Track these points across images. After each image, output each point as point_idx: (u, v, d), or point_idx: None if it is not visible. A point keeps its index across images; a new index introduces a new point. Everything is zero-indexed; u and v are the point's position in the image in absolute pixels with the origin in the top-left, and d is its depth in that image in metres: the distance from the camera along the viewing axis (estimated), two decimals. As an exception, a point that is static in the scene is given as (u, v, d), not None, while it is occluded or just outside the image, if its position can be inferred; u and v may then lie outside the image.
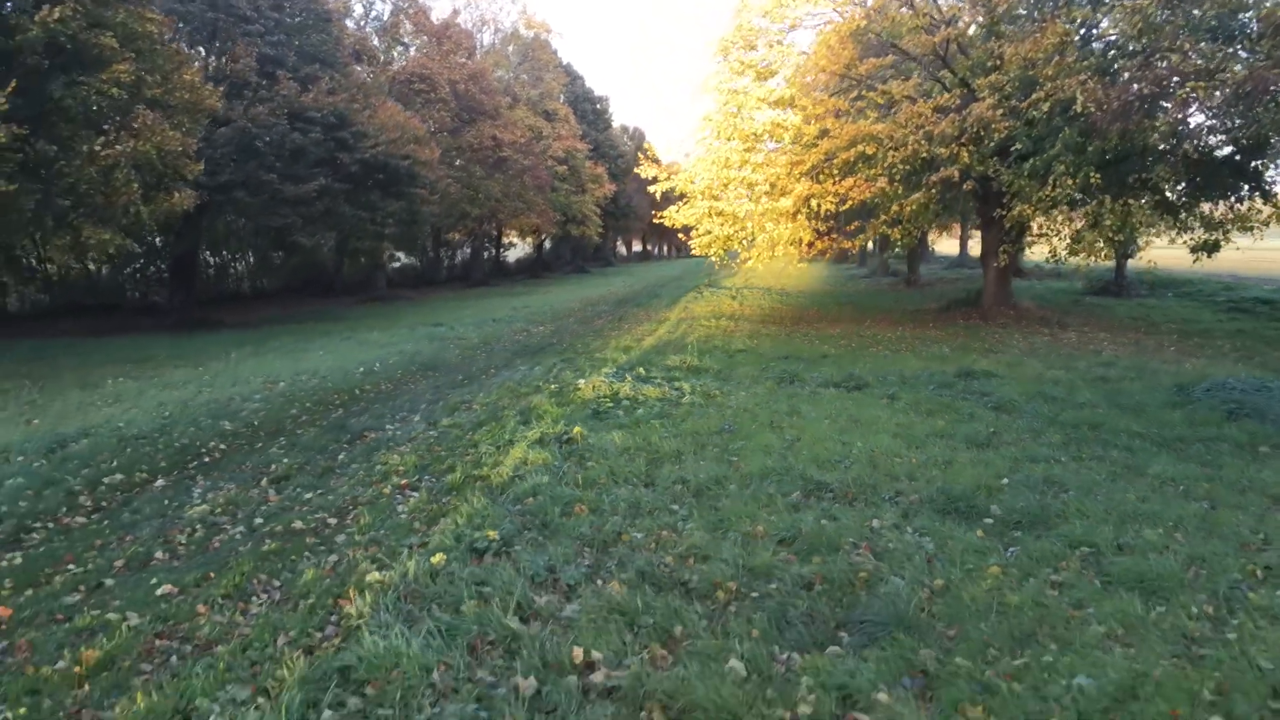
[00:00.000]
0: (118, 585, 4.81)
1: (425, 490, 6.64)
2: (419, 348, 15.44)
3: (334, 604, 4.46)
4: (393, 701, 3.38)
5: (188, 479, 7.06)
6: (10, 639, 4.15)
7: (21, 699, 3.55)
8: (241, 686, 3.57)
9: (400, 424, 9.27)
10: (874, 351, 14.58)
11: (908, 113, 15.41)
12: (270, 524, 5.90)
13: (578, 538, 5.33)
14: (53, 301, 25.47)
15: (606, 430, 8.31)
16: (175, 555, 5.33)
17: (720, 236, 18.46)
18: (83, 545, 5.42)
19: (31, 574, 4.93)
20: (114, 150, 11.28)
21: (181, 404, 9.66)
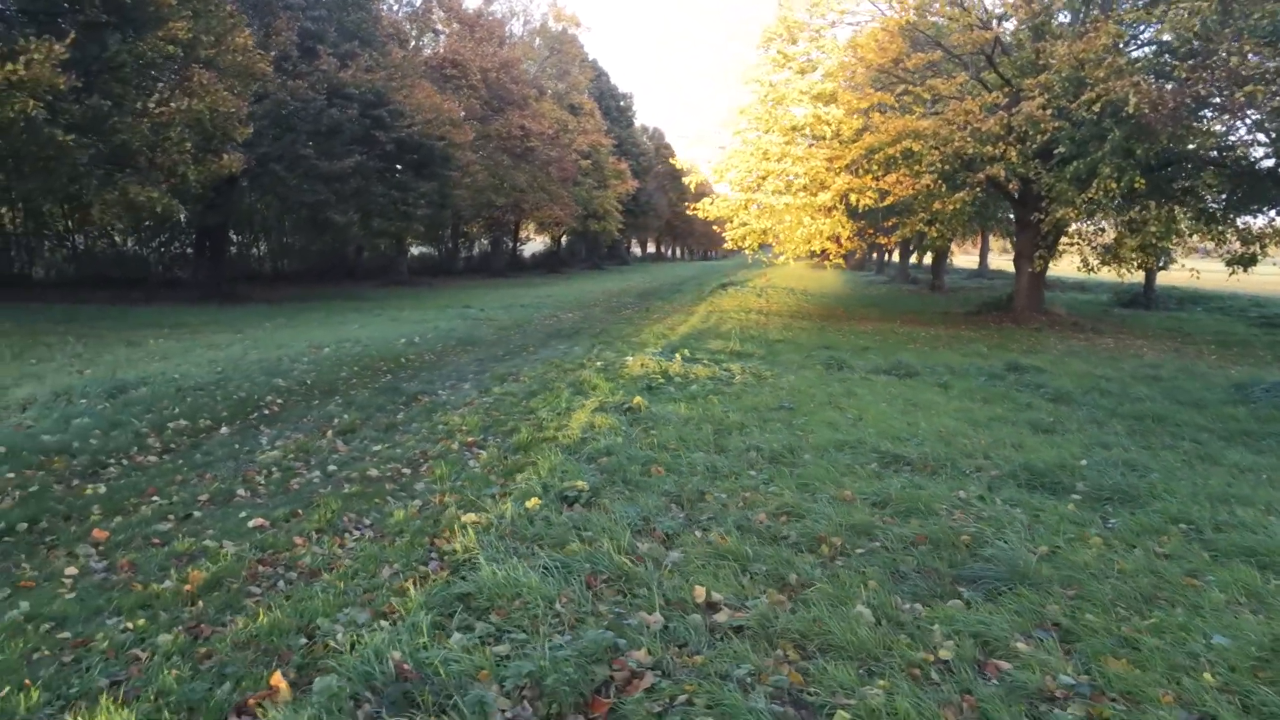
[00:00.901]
0: (206, 517, 4.75)
1: (494, 448, 6.56)
2: (454, 325, 15.37)
3: (430, 542, 4.39)
4: (523, 626, 3.30)
5: (251, 428, 7.00)
6: (111, 559, 4.08)
7: (136, 611, 3.48)
8: (359, 609, 3.49)
9: (451, 390, 9.20)
10: (912, 347, 14.46)
11: (955, 110, 15.30)
12: (344, 470, 5.84)
13: (663, 494, 5.25)
14: (78, 271, 25.44)
15: (666, 402, 8.23)
16: (256, 494, 5.27)
17: (756, 229, 18.35)
18: (162, 480, 5.35)
19: (117, 503, 4.87)
20: (168, 109, 11.25)
21: (232, 362, 9.61)
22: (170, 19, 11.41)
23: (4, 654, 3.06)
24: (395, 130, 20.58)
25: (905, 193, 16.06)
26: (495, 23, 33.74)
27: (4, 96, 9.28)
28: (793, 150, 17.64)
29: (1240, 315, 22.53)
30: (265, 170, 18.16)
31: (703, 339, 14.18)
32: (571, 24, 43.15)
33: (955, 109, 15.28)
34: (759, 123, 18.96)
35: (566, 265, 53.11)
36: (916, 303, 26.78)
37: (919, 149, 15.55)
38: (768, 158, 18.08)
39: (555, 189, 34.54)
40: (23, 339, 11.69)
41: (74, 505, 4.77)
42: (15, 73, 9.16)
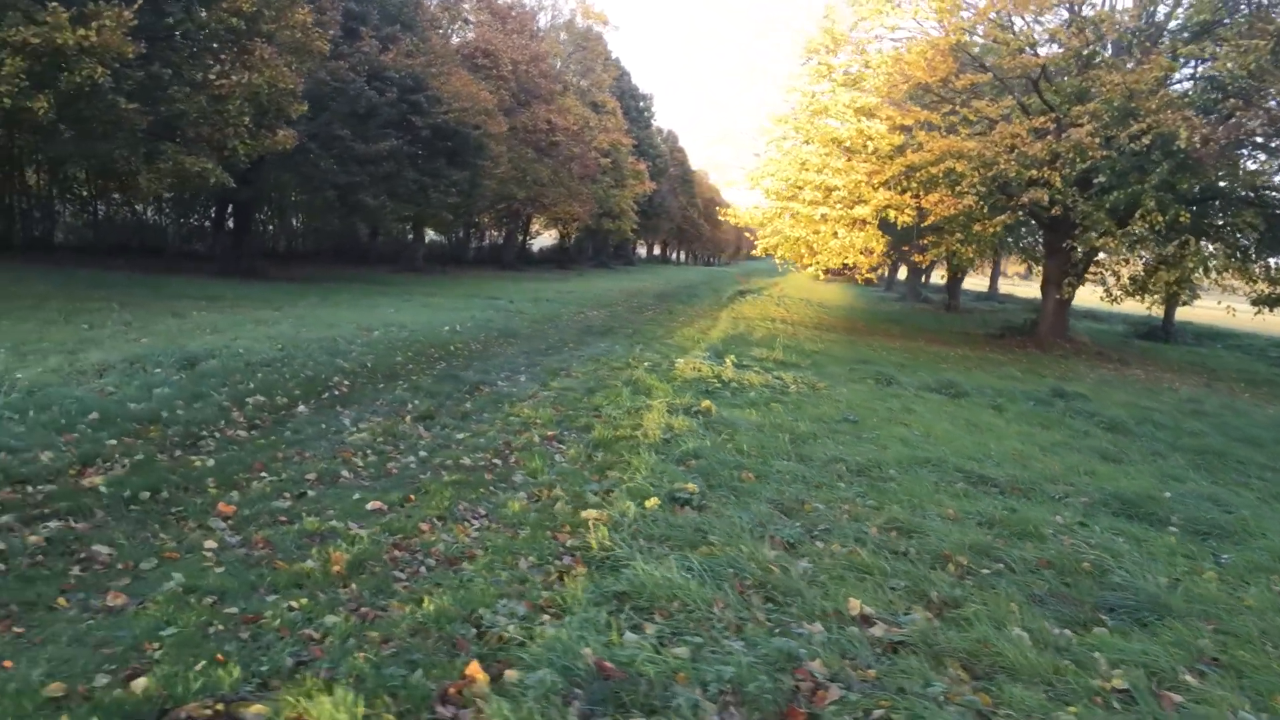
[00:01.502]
0: (320, 496, 4.70)
1: (577, 444, 6.53)
2: (489, 316, 15.31)
3: (553, 536, 4.35)
4: (689, 628, 3.27)
5: (328, 408, 6.95)
6: (243, 534, 4.04)
7: (292, 590, 3.44)
8: (516, 601, 3.46)
9: (509, 381, 9.16)
10: (944, 367, 14.49)
11: (1001, 132, 15.34)
12: (436, 457, 5.80)
13: (767, 501, 5.23)
14: (98, 238, 25.25)
15: (731, 408, 8.22)
16: (358, 475, 5.22)
17: (791, 238, 18.36)
18: (264, 456, 5.30)
19: (228, 477, 4.82)
20: (229, 81, 11.16)
21: (290, 339, 9.53)
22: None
23: (180, 626, 3.02)
24: (431, 116, 20.52)
25: (946, 212, 16.10)
26: (526, 15, 33.69)
27: (74, 61, 9.18)
28: (832, 162, 17.65)
29: (1260, 355, 22.67)
30: (300, 148, 18.03)
31: (740, 345, 14.17)
32: (599, 21, 43.14)
33: (1002, 131, 15.31)
34: (799, 132, 18.99)
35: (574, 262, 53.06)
36: (933, 321, 26.85)
37: (962, 169, 15.57)
38: (806, 168, 18.10)
39: (575, 185, 34.50)
40: (65, 302, 11.57)
41: (187, 477, 4.71)
42: (87, 38, 9.06)
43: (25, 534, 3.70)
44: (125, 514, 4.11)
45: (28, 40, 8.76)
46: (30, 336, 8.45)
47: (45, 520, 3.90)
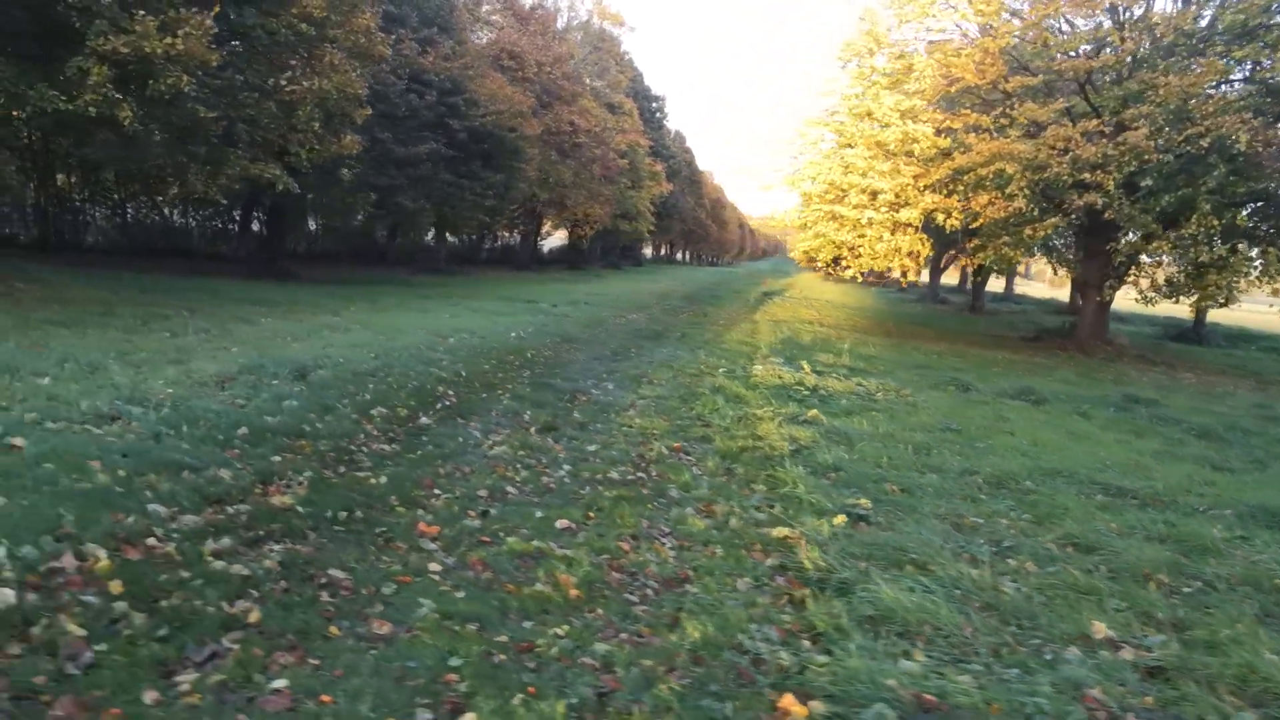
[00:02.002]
0: (503, 514, 4.66)
1: (705, 456, 6.50)
2: (541, 321, 15.27)
3: (748, 554, 4.32)
4: (959, 655, 3.24)
5: (449, 419, 6.90)
6: (455, 555, 3.99)
7: (542, 615, 3.40)
8: (767, 626, 3.43)
9: (600, 389, 9.12)
10: (996, 371, 14.49)
11: (1053, 135, 15.33)
12: (583, 471, 5.76)
13: (932, 515, 5.20)
14: (129, 241, 25.15)
15: (833, 416, 8.19)
16: (521, 490, 5.19)
17: (832, 241, 18.34)
18: (424, 473, 5.25)
19: (406, 495, 4.77)
20: (300, 87, 11.09)
21: (380, 348, 9.47)
22: (304, -5, 11.27)
23: (464, 656, 2.98)
24: (469, 119, 20.46)
25: (997, 215, 16.08)
26: (548, 16, 33.62)
27: (160, 70, 9.12)
28: (877, 165, 17.64)
29: (1295, 357, 22.71)
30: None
31: (797, 350, 14.16)
32: (615, 23, 43.10)
33: (1054, 134, 15.30)
34: (840, 135, 18.98)
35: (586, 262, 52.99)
36: (962, 324, 26.83)
37: (1011, 171, 15.55)
38: (850, 171, 18.08)
39: (596, 186, 34.45)
40: (131, 308, 11.49)
41: (369, 495, 4.66)
42: (174, 46, 9.00)
43: (257, 558, 3.65)
44: (334, 535, 4.07)
45: (118, 49, 8.70)
46: (124, 346, 8.36)
47: (264, 543, 3.85)
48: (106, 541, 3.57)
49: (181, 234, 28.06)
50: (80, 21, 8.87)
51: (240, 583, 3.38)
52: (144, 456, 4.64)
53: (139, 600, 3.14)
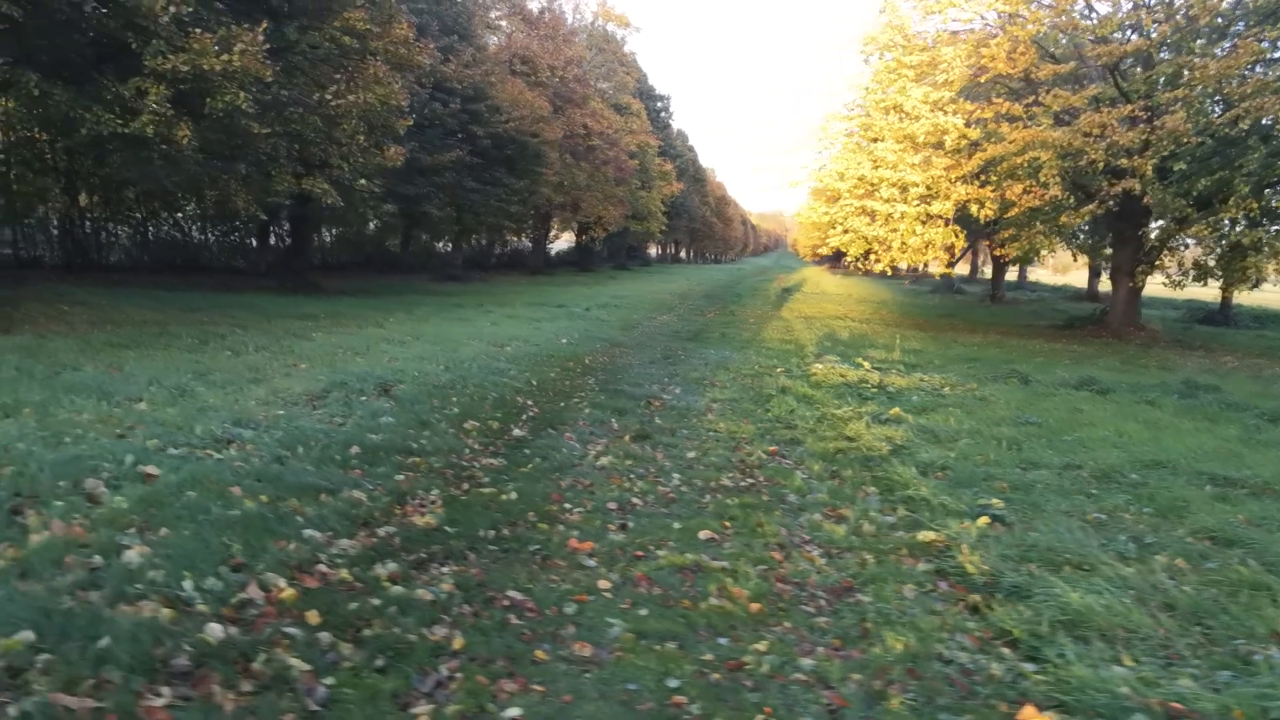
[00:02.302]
0: (641, 526, 4.62)
1: (802, 458, 6.46)
2: (584, 326, 15.23)
3: (898, 559, 4.28)
4: (1164, 657, 3.20)
5: (540, 430, 6.86)
6: (616, 570, 3.96)
7: (735, 630, 3.36)
8: (959, 634, 3.39)
9: (669, 394, 9.07)
10: (1040, 361, 14.41)
11: (1089, 121, 15.25)
12: (694, 479, 5.73)
13: (1058, 513, 5.15)
14: (150, 258, 25.15)
15: (916, 413, 8.14)
16: (645, 501, 5.15)
17: (869, 236, 18.27)
18: (546, 486, 5.22)
19: (541, 510, 4.74)
20: (344, 100, 11.05)
21: (449, 360, 9.43)
22: (346, 8, 11.23)
23: (680, 677, 2.94)
24: (492, 126, 20.43)
25: (1032, 203, 16.02)
26: (557, 19, 33.58)
27: (217, 87, 9.09)
28: (908, 158, 17.58)
29: (1325, 336, 22.62)
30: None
31: (842, 346, 14.13)
32: (620, 24, 43.02)
33: (1089, 120, 15.22)
34: (866, 130, 18.91)
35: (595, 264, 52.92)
36: (986, 314, 26.75)
37: (1045, 159, 15.47)
38: (880, 164, 18.01)
39: (610, 188, 34.42)
40: (182, 327, 11.48)
41: (506, 511, 4.63)
42: (230, 62, 8.97)
43: (431, 581, 3.62)
44: (492, 555, 4.04)
45: (177, 68, 8.67)
46: (196, 367, 8.33)
47: (430, 565, 3.82)
48: (281, 570, 3.54)
49: (199, 249, 28.07)
50: (137, 42, 8.84)
51: (427, 608, 3.35)
52: (277, 480, 4.61)
53: (339, 630, 3.11)
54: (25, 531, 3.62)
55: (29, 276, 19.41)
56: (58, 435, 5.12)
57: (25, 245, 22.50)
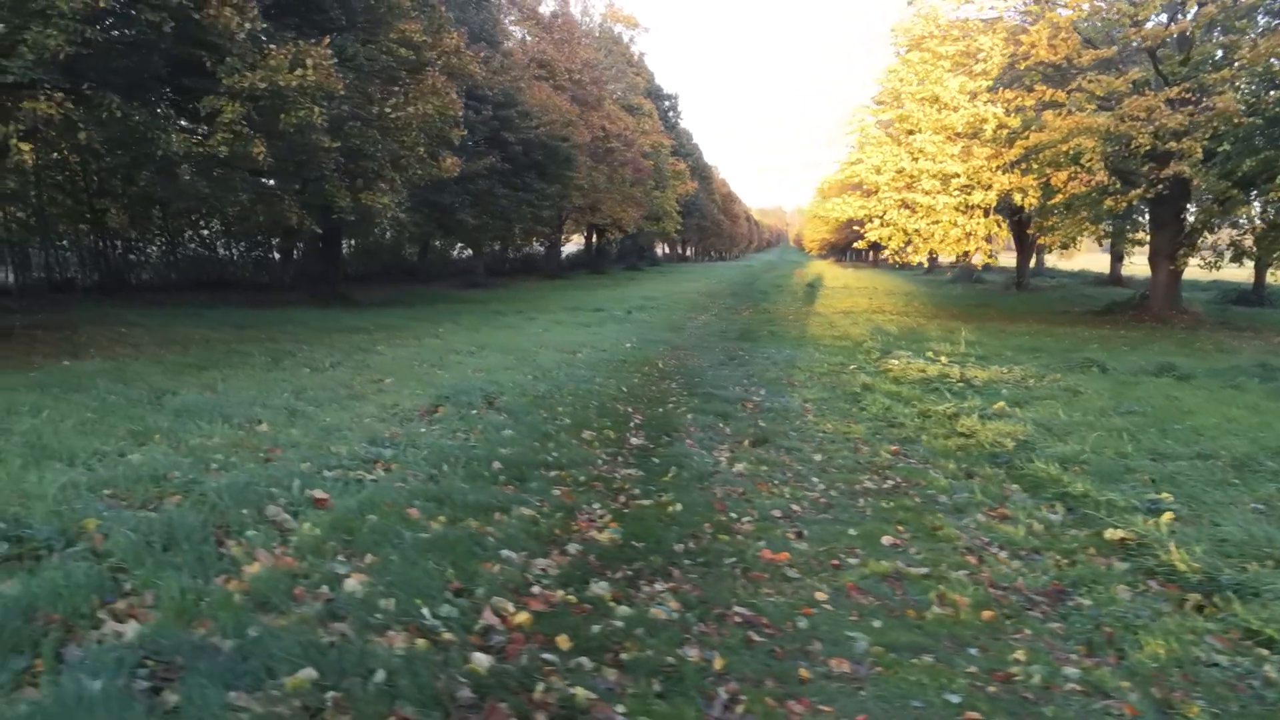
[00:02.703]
0: (816, 533, 4.56)
1: (932, 457, 6.40)
2: (635, 330, 15.18)
3: (1087, 558, 4.22)
4: None
5: (655, 437, 6.81)
6: (820, 580, 3.89)
7: (970, 640, 3.30)
8: (1208, 637, 3.33)
9: (757, 395, 9.01)
10: (1095, 348, 14.32)
11: (1134, 105, 15.15)
12: (835, 482, 5.67)
13: (1222, 504, 5.08)
14: (179, 276, 25.16)
15: (1017, 406, 8.07)
16: (803, 507, 5.09)
17: (909, 229, 18.19)
18: (696, 496, 5.15)
19: (713, 520, 4.68)
20: (405, 112, 11.00)
21: (530, 369, 9.39)
22: (401, 19, 11.18)
23: (960, 692, 2.88)
24: (523, 131, 20.38)
25: (1078, 189, 15.92)
26: (571, 22, 33.52)
27: (291, 103, 9.05)
28: (948, 149, 17.50)
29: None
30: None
31: (891, 340, 14.08)
32: (628, 25, 42.96)
33: (1135, 104, 15.12)
34: (903, 122, 18.83)
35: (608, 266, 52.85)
36: (1018, 302, 26.59)
37: (1091, 145, 15.36)
38: (921, 156, 17.93)
39: (629, 190, 34.37)
40: (247, 345, 11.43)
41: (679, 524, 4.57)
42: (305, 78, 8.92)
43: (652, 599, 3.56)
44: (695, 568, 3.98)
45: (255, 85, 8.62)
46: (288, 385, 8.25)
47: (640, 582, 3.76)
48: (502, 593, 3.49)
49: (224, 265, 28.07)
50: (211, 60, 8.79)
51: (669, 628, 3.29)
52: (444, 500, 4.55)
53: (595, 654, 3.05)
54: (236, 563, 3.57)
55: (65, 300, 19.42)
56: (203, 461, 5.08)
57: (58, 268, 22.51)
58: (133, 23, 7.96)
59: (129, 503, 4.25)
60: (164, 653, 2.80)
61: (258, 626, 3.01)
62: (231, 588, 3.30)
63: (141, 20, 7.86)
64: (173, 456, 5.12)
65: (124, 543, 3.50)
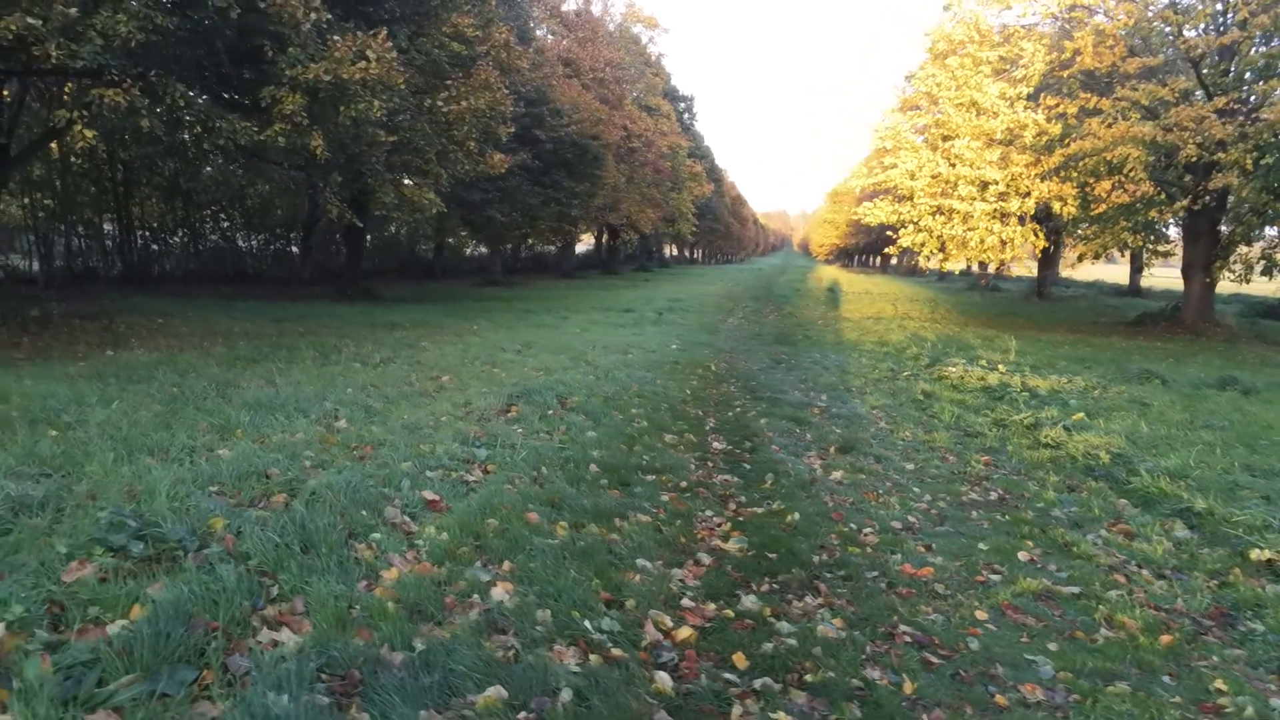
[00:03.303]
0: (943, 546, 4.40)
1: (1027, 469, 6.23)
2: (676, 331, 15.02)
3: (1234, 579, 4.05)
4: None
5: (740, 441, 6.65)
6: (974, 598, 3.73)
7: (1154, 666, 3.13)
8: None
9: (820, 400, 8.84)
10: (1138, 359, 14.16)
11: (1181, 115, 14.98)
12: (937, 492, 5.51)
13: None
14: (199, 267, 25.02)
15: (1094, 417, 7.90)
16: (919, 520, 4.92)
17: (944, 234, 18.02)
18: (806, 506, 4.99)
19: (836, 531, 4.51)
20: (457, 106, 10.83)
21: (591, 369, 9.23)
22: (453, 12, 11.03)
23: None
24: (554, 129, 20.22)
25: (1121, 200, 15.76)
26: (595, 21, 33.39)
27: (352, 95, 8.89)
28: (987, 155, 17.34)
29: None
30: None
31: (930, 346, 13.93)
32: (648, 25, 42.83)
33: (1182, 113, 14.95)
34: (940, 127, 18.67)
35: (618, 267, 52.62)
36: (1041, 311, 26.43)
37: (1135, 155, 15.20)
38: (957, 162, 17.77)
39: (649, 190, 34.22)
40: (293, 339, 11.29)
41: (806, 535, 4.41)
42: (368, 70, 8.77)
43: (808, 614, 3.40)
44: (840, 582, 3.82)
45: (319, 76, 8.47)
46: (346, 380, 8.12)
47: (789, 596, 3.60)
48: (656, 605, 3.33)
49: (244, 258, 27.93)
50: (273, 50, 8.64)
51: (841, 647, 3.12)
52: (562, 505, 4.40)
53: (776, 674, 2.89)
54: (373, 568, 3.41)
55: (90, 290, 19.28)
56: (295, 457, 4.92)
57: (83, 257, 22.36)
58: (199, 8, 7.79)
59: (238, 500, 4.09)
60: (335, 665, 2.64)
61: (421, 638, 2.85)
62: (379, 594, 3.14)
63: (209, 5, 7.70)
64: (263, 452, 4.96)
65: (262, 544, 3.33)
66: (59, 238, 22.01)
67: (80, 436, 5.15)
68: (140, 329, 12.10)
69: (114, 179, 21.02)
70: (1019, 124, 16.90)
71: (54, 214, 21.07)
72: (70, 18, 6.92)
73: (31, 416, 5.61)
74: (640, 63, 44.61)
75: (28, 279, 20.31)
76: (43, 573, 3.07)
